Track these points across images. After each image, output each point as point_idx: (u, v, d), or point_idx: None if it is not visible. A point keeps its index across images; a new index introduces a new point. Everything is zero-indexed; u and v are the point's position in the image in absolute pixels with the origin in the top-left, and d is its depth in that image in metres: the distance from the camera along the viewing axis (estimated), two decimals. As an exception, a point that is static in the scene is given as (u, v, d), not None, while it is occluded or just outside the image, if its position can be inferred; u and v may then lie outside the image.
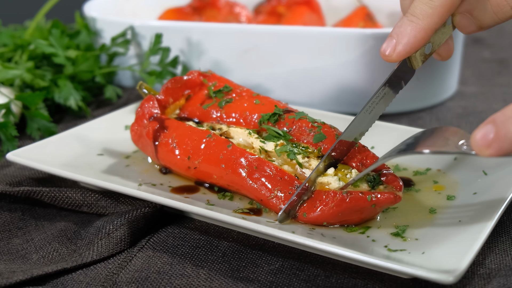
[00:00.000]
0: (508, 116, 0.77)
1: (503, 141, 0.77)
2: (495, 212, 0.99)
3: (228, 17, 1.88)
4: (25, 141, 1.40)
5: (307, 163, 1.06)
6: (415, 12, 0.98)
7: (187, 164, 1.13)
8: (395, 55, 0.99)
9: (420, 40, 0.98)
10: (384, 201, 0.99)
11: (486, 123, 0.79)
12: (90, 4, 1.76)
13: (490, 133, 0.78)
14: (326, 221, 1.01)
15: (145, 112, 1.20)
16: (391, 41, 0.99)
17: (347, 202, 0.98)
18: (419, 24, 0.97)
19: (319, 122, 1.12)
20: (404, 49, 0.98)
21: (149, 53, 1.53)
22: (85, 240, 1.04)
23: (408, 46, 0.98)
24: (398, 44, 0.98)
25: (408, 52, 0.99)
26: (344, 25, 1.80)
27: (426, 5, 0.97)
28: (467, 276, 0.94)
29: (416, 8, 0.98)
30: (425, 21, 0.97)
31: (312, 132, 1.09)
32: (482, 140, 0.78)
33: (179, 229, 1.08)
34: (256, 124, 1.15)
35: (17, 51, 1.59)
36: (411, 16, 0.98)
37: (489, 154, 0.78)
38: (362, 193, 0.98)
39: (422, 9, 0.97)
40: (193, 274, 0.96)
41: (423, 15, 0.97)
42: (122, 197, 1.13)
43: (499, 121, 0.77)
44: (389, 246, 0.97)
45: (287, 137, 1.11)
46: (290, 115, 1.13)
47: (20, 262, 1.00)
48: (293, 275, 0.96)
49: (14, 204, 1.16)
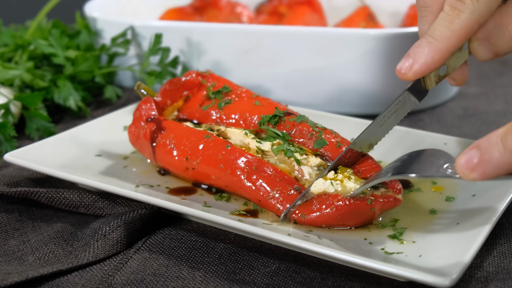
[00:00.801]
0: (493, 142, 0.79)
1: (486, 166, 0.80)
2: (493, 216, 0.98)
3: (230, 17, 1.88)
4: (24, 141, 1.40)
5: (305, 160, 1.06)
6: (434, 34, 1.00)
7: (185, 165, 1.13)
8: (411, 74, 1.01)
9: (436, 61, 1.00)
10: (384, 205, 0.99)
11: (471, 148, 0.81)
12: (90, 4, 1.75)
13: (474, 158, 0.80)
14: (325, 223, 1.00)
15: (142, 114, 1.20)
16: (408, 60, 1.01)
17: (347, 205, 0.98)
18: (437, 45, 1.00)
19: (320, 127, 1.11)
20: (420, 68, 1.00)
21: (149, 53, 1.53)
22: (81, 242, 1.04)
23: (425, 66, 1.00)
24: (415, 63, 1.00)
25: (423, 72, 1.01)
26: (346, 25, 1.79)
27: (445, 27, 1.00)
28: (464, 279, 0.93)
29: (435, 30, 1.00)
30: (443, 43, 1.00)
31: (314, 137, 1.09)
32: (466, 165, 0.81)
33: (176, 230, 1.08)
34: (256, 125, 1.14)
35: (17, 51, 1.59)
36: (430, 38, 1.00)
37: (472, 178, 0.81)
38: (362, 196, 0.98)
39: (441, 31, 1.00)
40: (189, 276, 0.96)
41: (442, 37, 1.00)
42: (119, 199, 1.12)
43: (484, 147, 0.80)
44: (386, 248, 0.96)
45: (286, 138, 1.10)
46: (291, 117, 1.13)
47: (16, 264, 1.00)
48: (290, 277, 0.95)
49: (11, 205, 1.16)
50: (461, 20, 0.99)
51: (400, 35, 1.47)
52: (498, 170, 0.80)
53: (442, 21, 1.00)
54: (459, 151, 1.20)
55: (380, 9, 1.88)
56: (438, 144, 1.23)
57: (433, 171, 0.88)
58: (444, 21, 1.00)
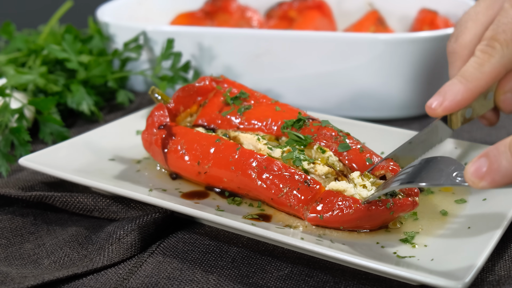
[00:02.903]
0: (501, 150, 0.81)
1: (495, 175, 0.81)
2: (504, 220, 0.99)
3: (240, 22, 1.89)
4: (37, 145, 1.41)
5: (312, 169, 1.07)
6: (465, 75, 1.10)
7: (197, 170, 1.14)
8: (441, 109, 1.11)
9: (465, 99, 1.10)
10: (402, 208, 1.00)
11: (480, 157, 0.82)
12: (103, 9, 1.77)
13: (483, 166, 0.82)
14: (343, 225, 1.01)
15: (154, 120, 1.21)
16: (439, 97, 1.11)
17: (367, 210, 0.99)
18: (467, 85, 1.09)
19: (344, 132, 1.13)
20: (450, 105, 1.10)
21: (161, 58, 1.54)
22: (96, 245, 1.05)
23: (454, 103, 1.10)
24: (445, 100, 1.10)
25: (453, 109, 1.11)
26: (355, 29, 1.80)
27: (476, 69, 1.10)
28: (476, 283, 0.93)
29: (466, 72, 1.10)
30: (473, 83, 1.09)
31: (338, 141, 1.10)
32: (475, 173, 0.82)
33: (189, 234, 1.09)
34: (278, 130, 1.15)
35: (30, 56, 1.61)
36: (461, 78, 1.10)
37: (481, 186, 0.82)
38: (380, 201, 0.98)
39: (472, 72, 1.10)
40: (202, 280, 0.97)
41: (472, 78, 1.10)
42: (133, 203, 1.14)
43: (492, 155, 0.81)
44: (398, 252, 0.97)
45: (308, 141, 1.11)
46: (315, 122, 1.14)
47: (32, 267, 1.02)
48: (302, 281, 0.96)
49: (26, 209, 1.18)
50: (490, 63, 1.10)
51: (409, 39, 1.48)
52: (507, 178, 0.81)
53: (473, 64, 1.10)
54: (468, 155, 1.21)
55: (390, 14, 1.89)
56: (448, 148, 1.23)
57: (443, 180, 0.89)
58: (475, 63, 1.10)
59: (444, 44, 1.49)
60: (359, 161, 1.08)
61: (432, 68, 1.51)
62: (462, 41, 1.17)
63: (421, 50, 1.49)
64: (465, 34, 1.18)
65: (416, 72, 1.51)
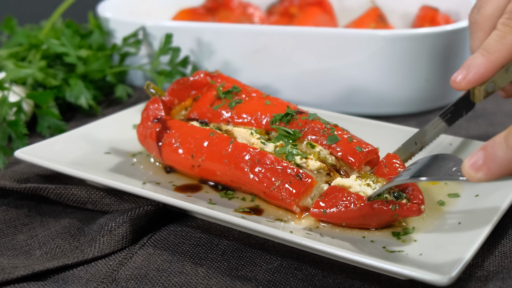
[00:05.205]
0: (497, 142, 0.81)
1: (490, 164, 0.81)
2: (494, 215, 0.99)
3: (241, 18, 1.89)
4: (35, 138, 1.42)
5: (304, 164, 1.07)
6: (487, 48, 1.11)
7: (191, 163, 1.15)
8: (465, 82, 1.11)
9: (488, 71, 1.11)
10: (407, 213, 0.99)
11: (478, 150, 0.83)
12: (103, 5, 1.78)
13: (479, 159, 0.82)
14: (346, 222, 1.01)
15: (149, 114, 1.22)
16: (463, 71, 1.12)
17: (371, 209, 0.98)
18: (489, 57, 1.11)
19: (332, 124, 1.12)
20: (474, 78, 1.11)
21: (159, 53, 1.54)
22: (88, 237, 1.06)
23: (477, 75, 1.11)
24: (469, 73, 1.11)
25: (476, 82, 1.12)
26: (355, 26, 1.79)
27: (497, 42, 1.11)
28: (464, 278, 0.93)
29: (488, 44, 1.11)
30: (495, 55, 1.10)
31: (326, 134, 1.10)
32: (472, 166, 0.83)
33: (181, 227, 1.09)
34: (267, 124, 1.16)
35: (31, 50, 1.62)
36: (483, 51, 1.11)
37: (478, 178, 0.83)
38: (386, 202, 0.98)
39: (494, 45, 1.11)
40: (191, 272, 0.97)
41: (494, 50, 1.11)
42: (126, 195, 1.14)
43: (489, 147, 0.82)
44: (387, 247, 0.97)
45: (297, 136, 1.11)
46: (303, 116, 1.14)
47: (23, 258, 1.02)
48: (291, 274, 0.96)
49: (21, 201, 1.18)
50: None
51: (408, 36, 1.47)
52: (502, 168, 0.81)
53: (495, 37, 1.11)
54: (465, 152, 1.21)
55: (391, 10, 1.89)
56: (443, 144, 1.23)
57: (442, 175, 0.90)
58: (497, 36, 1.11)
59: (443, 41, 1.49)
60: (349, 151, 1.08)
61: (430, 65, 1.51)
62: (484, 12, 1.18)
63: (419, 47, 1.48)
64: (487, 5, 1.18)
65: (414, 68, 1.50)
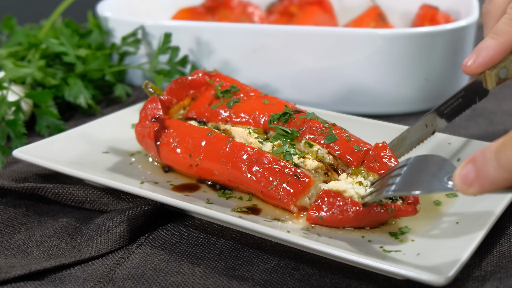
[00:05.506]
0: (488, 158, 0.79)
1: (483, 182, 0.80)
2: (492, 216, 0.98)
3: (241, 17, 1.89)
4: (34, 138, 1.42)
5: (302, 163, 1.07)
6: (496, 30, 1.12)
7: (188, 162, 1.14)
8: (475, 65, 1.12)
9: (498, 53, 1.12)
10: (404, 213, 0.99)
11: (467, 162, 0.81)
12: (103, 4, 1.77)
13: (470, 173, 0.81)
14: (342, 226, 1.01)
15: (148, 113, 1.22)
16: (473, 55, 1.13)
17: (368, 213, 0.98)
18: (499, 40, 1.11)
19: (329, 123, 1.12)
20: (484, 60, 1.12)
21: (158, 52, 1.54)
22: (85, 237, 1.06)
23: (487, 58, 1.12)
24: (479, 56, 1.12)
25: (486, 64, 1.12)
26: (355, 25, 1.79)
27: (506, 25, 1.12)
28: (462, 278, 0.93)
29: (497, 27, 1.13)
30: (504, 37, 1.12)
31: (324, 133, 1.10)
32: (464, 180, 0.82)
33: (179, 227, 1.09)
34: (265, 124, 1.15)
35: (30, 50, 1.62)
36: (493, 34, 1.13)
37: (471, 193, 0.82)
38: (382, 205, 0.98)
39: (503, 28, 1.12)
40: (188, 272, 0.97)
41: (503, 32, 1.12)
42: (124, 195, 1.14)
43: (479, 162, 0.80)
44: (384, 247, 0.97)
45: (295, 135, 1.11)
46: (301, 115, 1.14)
47: (21, 257, 1.02)
48: (288, 274, 0.96)
49: (19, 200, 1.18)
50: None
51: (408, 35, 1.47)
52: (495, 185, 0.80)
53: (504, 20, 1.13)
54: (464, 151, 1.20)
55: (391, 9, 1.88)
56: (442, 143, 1.23)
57: (436, 186, 0.88)
58: (506, 19, 1.13)
59: (442, 40, 1.49)
60: (347, 150, 1.08)
61: (430, 64, 1.50)
62: (496, 2, 1.19)
63: (419, 46, 1.48)
64: None
65: (414, 67, 1.50)
